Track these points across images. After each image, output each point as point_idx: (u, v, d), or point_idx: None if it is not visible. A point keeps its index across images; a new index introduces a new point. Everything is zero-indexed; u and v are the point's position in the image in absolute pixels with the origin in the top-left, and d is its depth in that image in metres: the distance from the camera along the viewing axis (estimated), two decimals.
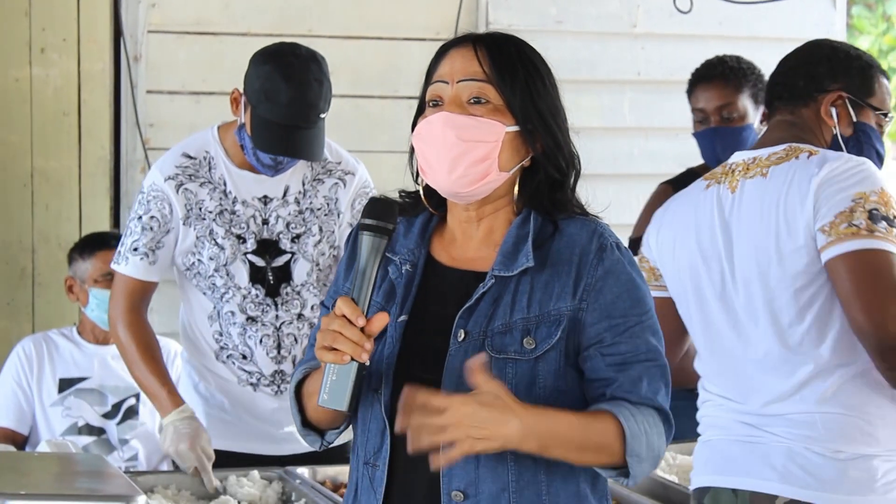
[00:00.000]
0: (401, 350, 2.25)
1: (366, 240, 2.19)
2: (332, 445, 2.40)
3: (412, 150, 2.34)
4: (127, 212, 4.88)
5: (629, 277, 2.27)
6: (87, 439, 4.24)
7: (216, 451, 3.54)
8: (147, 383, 3.58)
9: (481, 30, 5.09)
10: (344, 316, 2.14)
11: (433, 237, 2.36)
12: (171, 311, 3.67)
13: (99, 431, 4.28)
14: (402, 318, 2.27)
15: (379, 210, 2.21)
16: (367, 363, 2.17)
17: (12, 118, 4.95)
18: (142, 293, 3.61)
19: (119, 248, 3.63)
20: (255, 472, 3.39)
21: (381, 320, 2.16)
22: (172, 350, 4.27)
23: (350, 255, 2.38)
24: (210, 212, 3.56)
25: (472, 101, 2.26)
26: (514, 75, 2.27)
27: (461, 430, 2.08)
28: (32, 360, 4.32)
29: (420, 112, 2.32)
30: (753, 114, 4.06)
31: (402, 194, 2.40)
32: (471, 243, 2.33)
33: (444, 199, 2.34)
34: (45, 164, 4.98)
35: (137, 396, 4.32)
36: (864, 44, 15.15)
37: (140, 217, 3.57)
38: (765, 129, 4.04)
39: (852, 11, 14.85)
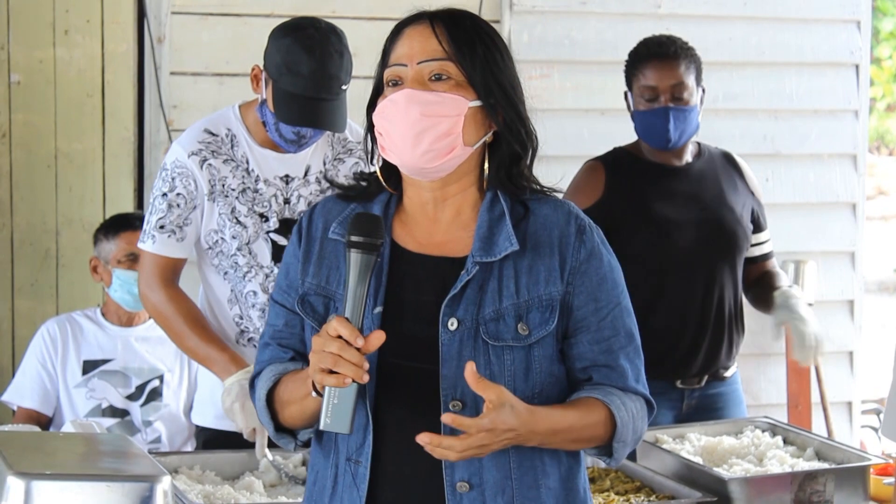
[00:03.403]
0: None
1: (355, 257, 2.14)
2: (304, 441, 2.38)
3: (369, 129, 2.33)
4: (150, 193, 4.87)
5: (608, 259, 2.30)
6: (110, 421, 4.25)
7: (236, 435, 3.56)
8: (202, 352, 3.52)
9: (505, 11, 5.09)
10: (340, 337, 2.10)
11: (393, 222, 2.33)
12: (191, 295, 3.65)
13: (123, 413, 4.29)
14: (378, 309, 2.24)
15: (366, 226, 2.16)
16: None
17: (36, 100, 4.95)
18: (172, 269, 3.59)
19: (144, 226, 3.61)
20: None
21: (378, 338, 2.12)
22: None
23: (306, 249, 2.33)
24: (233, 189, 3.56)
25: (433, 77, 2.26)
26: (473, 50, 2.28)
27: (484, 449, 2.13)
28: (57, 342, 4.33)
29: (377, 93, 2.32)
30: (696, 96, 4.02)
31: (358, 177, 2.38)
32: (437, 226, 2.31)
33: (401, 182, 2.33)
34: (68, 145, 4.99)
35: (161, 378, 4.32)
36: (888, 25, 15.07)
37: (165, 194, 3.57)
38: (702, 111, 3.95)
39: None
